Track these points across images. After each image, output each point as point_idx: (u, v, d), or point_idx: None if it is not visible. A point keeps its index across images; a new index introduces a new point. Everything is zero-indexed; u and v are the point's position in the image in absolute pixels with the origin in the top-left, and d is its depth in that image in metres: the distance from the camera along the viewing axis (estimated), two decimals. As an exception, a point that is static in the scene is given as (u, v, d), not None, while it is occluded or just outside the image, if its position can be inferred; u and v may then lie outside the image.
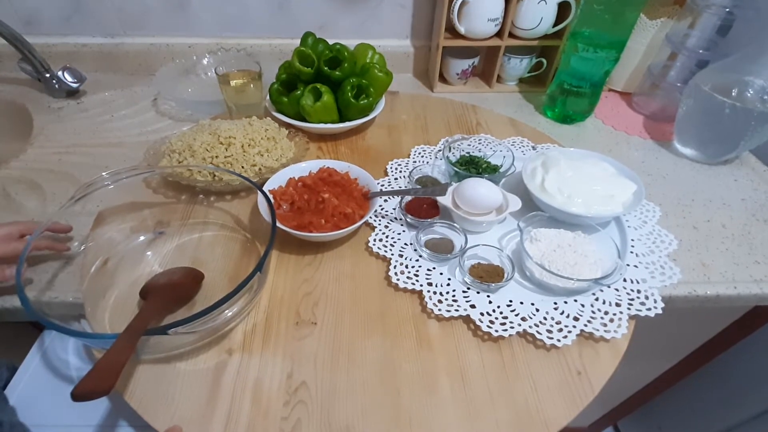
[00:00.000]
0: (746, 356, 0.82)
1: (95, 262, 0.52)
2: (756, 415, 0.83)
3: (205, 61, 0.88)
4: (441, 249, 0.54)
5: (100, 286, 0.50)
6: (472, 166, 0.65)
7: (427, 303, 0.48)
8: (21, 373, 0.52)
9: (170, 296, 0.47)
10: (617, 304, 0.48)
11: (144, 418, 0.40)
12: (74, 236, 0.53)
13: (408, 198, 0.60)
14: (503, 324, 0.46)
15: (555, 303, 0.48)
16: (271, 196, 0.56)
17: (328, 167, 0.61)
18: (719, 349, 0.80)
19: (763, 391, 0.81)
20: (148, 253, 0.55)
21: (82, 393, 0.32)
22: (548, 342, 0.45)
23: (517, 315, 0.47)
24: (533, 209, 0.57)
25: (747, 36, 0.80)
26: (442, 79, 0.94)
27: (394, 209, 0.60)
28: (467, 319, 0.48)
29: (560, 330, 0.46)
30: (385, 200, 0.61)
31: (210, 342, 0.45)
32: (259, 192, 0.51)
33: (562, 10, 0.82)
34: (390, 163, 0.69)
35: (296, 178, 0.60)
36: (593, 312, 0.48)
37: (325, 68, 0.70)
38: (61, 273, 0.51)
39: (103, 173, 0.56)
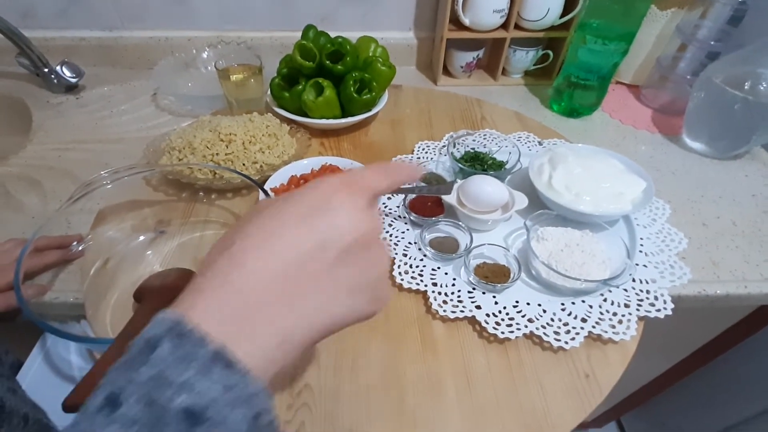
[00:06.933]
0: (751, 354, 0.81)
1: (96, 262, 0.51)
2: (760, 412, 0.83)
3: (204, 55, 0.87)
4: (446, 248, 0.53)
5: (101, 286, 0.50)
6: (477, 163, 0.64)
7: (431, 303, 0.48)
8: (23, 372, 0.52)
9: (165, 299, 0.46)
10: (626, 305, 0.47)
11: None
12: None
13: (412, 196, 0.59)
14: (509, 325, 0.45)
15: (562, 304, 0.48)
16: (272, 195, 0.55)
17: (330, 164, 0.60)
18: (725, 347, 0.79)
19: (767, 389, 0.80)
20: (149, 252, 0.54)
21: (73, 404, 0.32)
22: (555, 344, 0.44)
23: (523, 316, 0.46)
24: (540, 207, 0.56)
25: (760, 26, 0.77)
26: (446, 72, 0.92)
27: (398, 207, 0.59)
28: (473, 321, 0.47)
29: (568, 332, 0.45)
30: (389, 198, 0.60)
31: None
32: (260, 190, 0.50)
33: (570, 1, 0.80)
34: (393, 159, 0.68)
35: (298, 176, 0.59)
36: (601, 313, 0.47)
37: (327, 62, 0.68)
38: (61, 273, 0.51)
39: (103, 172, 0.56)
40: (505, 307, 0.47)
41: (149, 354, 0.18)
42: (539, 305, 0.47)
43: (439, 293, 0.49)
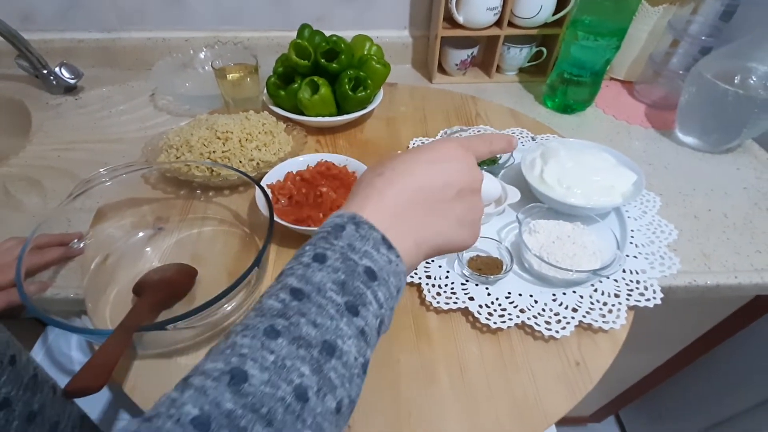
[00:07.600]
0: (747, 345, 0.82)
1: (95, 259, 0.52)
2: (757, 404, 0.83)
3: (202, 55, 0.88)
4: (440, 242, 0.54)
5: (101, 282, 0.51)
6: (471, 158, 0.65)
7: (425, 296, 0.49)
8: (25, 368, 0.53)
9: (164, 293, 0.47)
10: (616, 295, 0.48)
11: (145, 411, 0.40)
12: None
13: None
14: (502, 316, 0.46)
15: (554, 294, 0.48)
16: (269, 191, 0.56)
17: (326, 161, 0.60)
18: (720, 339, 0.80)
19: (764, 380, 0.81)
20: (148, 249, 0.55)
21: (74, 390, 0.33)
22: (547, 333, 0.45)
23: (515, 307, 0.47)
24: (532, 201, 0.57)
25: (751, 21, 0.78)
26: (441, 69, 0.93)
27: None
28: (466, 312, 0.48)
29: (559, 321, 0.46)
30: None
31: (210, 337, 0.45)
32: (256, 187, 0.51)
33: (562, -2, 0.81)
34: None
35: (294, 173, 0.60)
36: (592, 303, 0.48)
37: (322, 60, 0.69)
38: (62, 270, 0.52)
39: (101, 170, 0.56)
40: (497, 299, 0.48)
41: (339, 232, 0.26)
42: (531, 296, 0.48)
43: (433, 285, 0.49)
